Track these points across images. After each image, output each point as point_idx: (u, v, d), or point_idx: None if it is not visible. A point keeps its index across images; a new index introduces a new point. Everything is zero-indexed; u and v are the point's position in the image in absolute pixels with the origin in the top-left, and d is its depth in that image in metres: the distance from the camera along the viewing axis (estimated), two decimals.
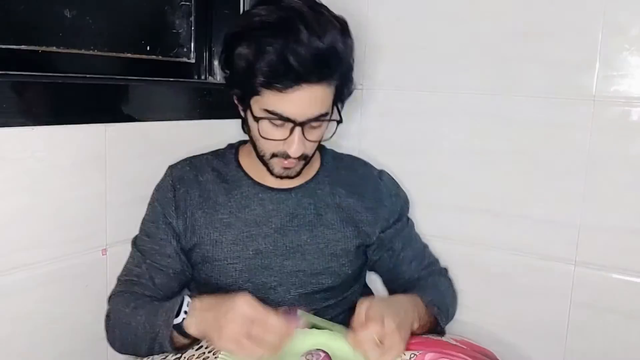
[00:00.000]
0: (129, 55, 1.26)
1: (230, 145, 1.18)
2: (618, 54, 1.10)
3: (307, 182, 1.13)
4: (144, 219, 1.10)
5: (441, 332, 1.08)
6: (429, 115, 1.30)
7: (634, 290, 1.13)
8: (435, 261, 1.24)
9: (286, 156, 1.02)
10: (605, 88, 1.11)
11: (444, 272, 1.24)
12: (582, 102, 1.13)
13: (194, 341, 0.95)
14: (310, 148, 1.04)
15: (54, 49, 1.11)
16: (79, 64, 1.16)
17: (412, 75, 1.30)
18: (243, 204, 1.09)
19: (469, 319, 1.27)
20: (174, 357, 0.95)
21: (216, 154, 1.16)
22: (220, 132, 1.23)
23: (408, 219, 1.23)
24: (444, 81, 1.27)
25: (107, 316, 1.05)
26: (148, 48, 1.30)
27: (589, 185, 1.15)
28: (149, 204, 1.11)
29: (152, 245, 1.06)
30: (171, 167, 1.12)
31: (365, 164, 1.23)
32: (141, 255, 1.06)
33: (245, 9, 1.33)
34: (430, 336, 1.02)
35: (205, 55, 1.43)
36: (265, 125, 1.00)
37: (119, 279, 1.08)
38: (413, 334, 0.99)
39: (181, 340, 0.94)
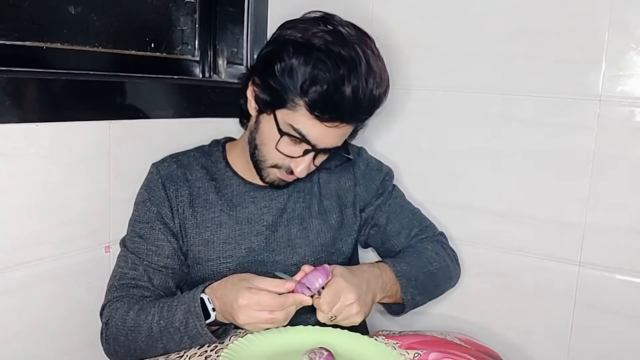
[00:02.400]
0: (133, 52, 1.26)
1: (216, 142, 1.17)
2: (624, 53, 1.10)
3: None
4: (133, 220, 1.08)
5: (401, 310, 1.08)
6: (434, 115, 1.30)
7: (638, 291, 1.13)
8: (427, 227, 1.21)
9: (289, 172, 1.02)
10: (611, 88, 1.11)
11: (437, 237, 1.21)
12: (587, 102, 1.13)
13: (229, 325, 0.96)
14: (312, 169, 1.05)
15: (58, 45, 1.12)
16: (84, 60, 1.16)
17: (418, 74, 1.30)
18: (234, 203, 1.09)
19: (473, 319, 1.27)
20: (176, 356, 0.95)
21: (202, 150, 1.15)
22: (224, 130, 1.23)
23: (392, 188, 1.22)
24: (449, 81, 1.27)
25: (105, 325, 1.02)
26: (152, 45, 1.30)
27: (594, 185, 1.14)
28: (138, 204, 1.08)
29: (148, 246, 1.04)
30: (156, 165, 1.09)
31: (343, 144, 1.22)
32: (136, 257, 1.04)
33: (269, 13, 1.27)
34: (434, 334, 1.01)
35: (210, 53, 1.43)
36: (283, 139, 0.99)
37: (112, 285, 1.04)
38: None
39: (213, 328, 0.95)
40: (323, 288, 0.92)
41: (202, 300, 0.94)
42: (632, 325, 1.14)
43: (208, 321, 0.93)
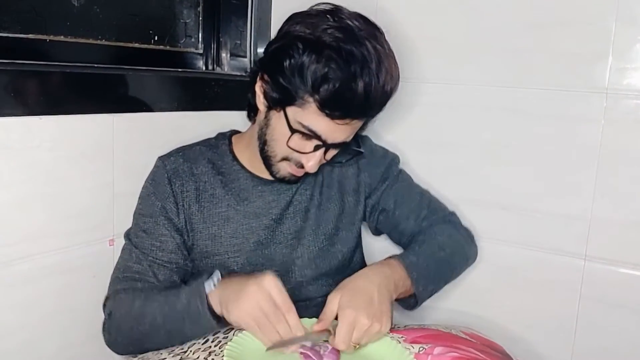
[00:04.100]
0: (136, 45, 1.25)
1: (222, 135, 1.16)
2: (632, 46, 1.09)
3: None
4: (138, 213, 1.07)
5: (415, 304, 1.07)
6: (439, 108, 1.29)
7: None
8: (436, 209, 1.20)
9: (300, 166, 1.02)
10: (618, 81, 1.10)
11: (448, 217, 1.20)
12: (594, 95, 1.12)
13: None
14: (322, 162, 1.04)
15: (61, 38, 1.11)
16: (87, 53, 1.15)
17: (422, 67, 1.29)
18: (242, 197, 1.08)
19: (479, 313, 1.27)
20: (180, 350, 0.94)
21: (208, 144, 1.14)
22: (227, 123, 1.23)
23: (399, 172, 1.21)
24: (454, 74, 1.26)
25: (108, 316, 1.01)
26: (156, 38, 1.29)
27: (600, 179, 1.14)
28: (143, 197, 1.07)
29: (152, 241, 1.04)
30: (163, 160, 1.08)
31: (353, 137, 1.21)
32: (140, 252, 1.03)
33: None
34: (439, 328, 1.01)
35: (213, 45, 1.43)
36: (294, 136, 0.98)
37: (115, 278, 1.04)
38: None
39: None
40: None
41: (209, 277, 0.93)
42: (638, 318, 1.13)
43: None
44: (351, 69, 0.92)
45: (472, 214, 1.26)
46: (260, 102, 1.02)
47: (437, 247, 1.11)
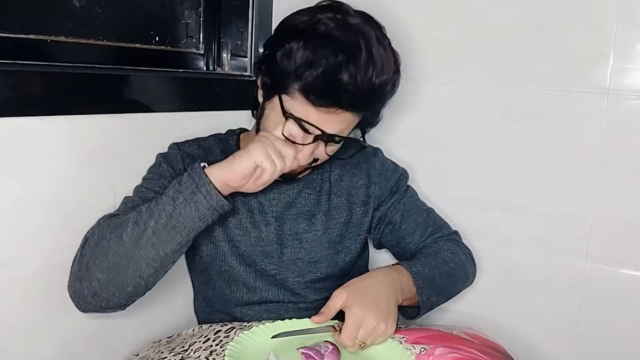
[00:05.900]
0: (137, 45, 1.25)
1: (231, 132, 1.18)
2: (633, 46, 1.09)
3: (308, 173, 1.12)
4: (143, 179, 1.06)
5: (416, 313, 1.07)
6: (439, 108, 1.29)
7: None
8: (441, 226, 1.21)
9: None
10: (619, 81, 1.10)
11: (452, 236, 1.21)
12: (595, 95, 1.12)
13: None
14: (321, 158, 1.04)
15: (62, 38, 1.11)
16: (88, 54, 1.15)
17: (422, 67, 1.29)
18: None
19: (480, 314, 1.27)
20: (181, 349, 0.94)
21: (219, 138, 1.16)
22: (228, 123, 1.23)
23: (407, 188, 1.22)
24: (454, 73, 1.26)
25: (84, 243, 0.95)
26: (157, 38, 1.29)
27: (601, 179, 1.14)
28: (151, 167, 1.08)
29: (156, 195, 0.99)
30: (177, 144, 1.11)
31: (357, 142, 1.20)
32: (140, 199, 1.01)
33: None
34: (441, 329, 1.01)
35: (214, 46, 1.42)
36: (288, 123, 0.98)
37: (104, 215, 0.99)
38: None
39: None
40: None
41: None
42: (639, 319, 1.13)
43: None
44: (338, 58, 0.92)
45: (473, 214, 1.27)
46: (260, 94, 1.04)
47: (441, 260, 1.11)
